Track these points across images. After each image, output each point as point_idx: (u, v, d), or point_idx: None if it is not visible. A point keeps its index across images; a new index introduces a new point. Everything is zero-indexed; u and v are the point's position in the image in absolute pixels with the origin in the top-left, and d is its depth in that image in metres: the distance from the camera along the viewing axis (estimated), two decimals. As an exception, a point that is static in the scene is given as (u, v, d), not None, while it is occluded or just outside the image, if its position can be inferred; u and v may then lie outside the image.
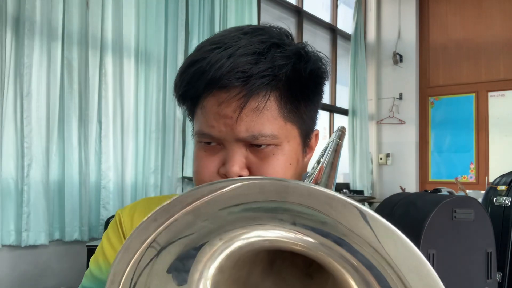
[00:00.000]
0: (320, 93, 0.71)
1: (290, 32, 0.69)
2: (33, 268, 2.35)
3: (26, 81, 2.26)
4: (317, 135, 0.75)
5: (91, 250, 2.30)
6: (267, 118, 0.63)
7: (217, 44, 0.64)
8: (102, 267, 0.75)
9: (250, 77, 0.61)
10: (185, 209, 0.38)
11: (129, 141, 2.74)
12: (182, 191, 2.63)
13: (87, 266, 0.79)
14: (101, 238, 2.67)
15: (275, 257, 0.53)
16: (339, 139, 0.86)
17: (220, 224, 0.41)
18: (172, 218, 0.39)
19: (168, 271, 0.43)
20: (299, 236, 0.40)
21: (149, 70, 2.86)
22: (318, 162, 0.76)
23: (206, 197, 0.38)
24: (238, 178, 0.37)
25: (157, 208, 0.39)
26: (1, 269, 2.24)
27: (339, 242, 0.37)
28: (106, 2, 2.64)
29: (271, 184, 0.37)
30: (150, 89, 2.85)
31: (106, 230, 0.79)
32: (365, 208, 0.34)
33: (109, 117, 2.63)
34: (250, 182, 0.37)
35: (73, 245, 2.48)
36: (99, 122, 2.59)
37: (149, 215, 0.39)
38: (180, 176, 3.02)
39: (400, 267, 0.34)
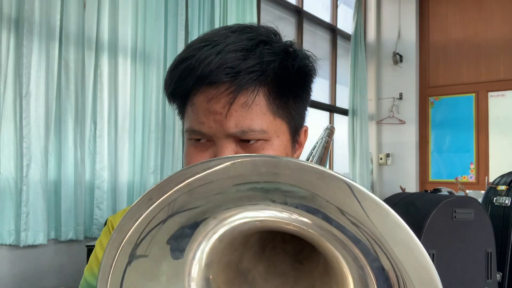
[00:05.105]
0: (308, 90, 0.71)
1: (278, 31, 0.70)
2: (32, 268, 2.35)
3: (25, 82, 2.26)
4: (306, 131, 0.76)
5: (91, 250, 2.30)
6: (256, 113, 0.64)
7: (206, 41, 0.65)
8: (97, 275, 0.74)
9: (239, 73, 0.62)
10: (178, 186, 0.38)
11: (125, 141, 2.73)
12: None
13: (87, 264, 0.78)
14: (94, 237, 2.64)
15: (266, 243, 0.53)
16: (328, 137, 0.86)
17: (213, 203, 0.41)
18: (166, 195, 0.39)
19: (168, 242, 0.43)
20: (290, 215, 0.40)
21: (149, 70, 2.85)
22: (308, 159, 0.76)
23: (199, 175, 0.38)
24: (229, 156, 0.38)
25: (151, 187, 0.39)
26: (1, 269, 2.24)
27: (328, 218, 0.37)
28: (103, 3, 2.64)
29: (263, 161, 0.37)
30: (149, 89, 2.84)
31: (99, 238, 0.79)
32: (354, 183, 0.34)
33: (104, 117, 2.63)
34: (243, 159, 0.37)
35: (72, 245, 2.48)
36: (94, 122, 2.60)
37: (143, 194, 0.39)
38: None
39: (387, 239, 0.34)
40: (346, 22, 5.37)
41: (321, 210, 0.37)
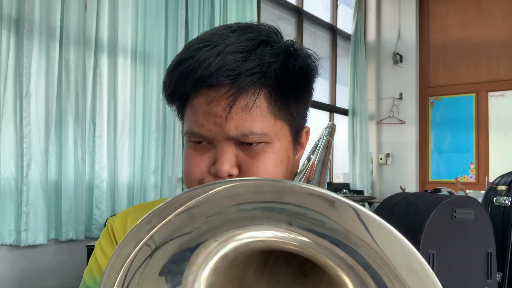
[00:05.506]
0: (310, 90, 0.70)
1: (279, 29, 0.68)
2: (33, 268, 2.35)
3: (25, 82, 2.26)
4: (307, 132, 0.74)
5: (91, 250, 2.30)
6: (256, 116, 0.63)
7: (206, 42, 0.63)
8: (97, 278, 0.74)
9: (239, 75, 0.61)
10: (178, 210, 0.38)
11: (124, 141, 2.73)
12: (182, 191, 2.63)
13: (87, 265, 0.78)
14: (93, 238, 2.63)
15: (269, 257, 0.52)
16: (330, 136, 0.85)
17: (215, 225, 0.40)
18: (166, 220, 0.38)
19: (161, 273, 0.42)
20: (295, 236, 0.39)
21: (149, 70, 2.85)
22: (309, 159, 0.75)
23: (200, 198, 0.37)
24: (233, 179, 0.37)
25: (151, 211, 0.38)
26: (1, 269, 2.24)
27: (336, 242, 0.37)
28: (103, 3, 2.64)
29: (267, 184, 0.36)
30: (149, 89, 2.84)
31: (99, 240, 0.78)
32: (362, 208, 0.34)
33: (104, 117, 2.63)
34: (246, 182, 0.36)
35: (72, 244, 2.48)
36: (93, 122, 2.59)
37: (142, 218, 0.38)
38: (180, 176, 3.02)
39: (397, 266, 0.34)
40: (346, 22, 5.36)
41: (328, 234, 0.37)
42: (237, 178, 0.37)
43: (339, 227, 0.35)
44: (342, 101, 5.21)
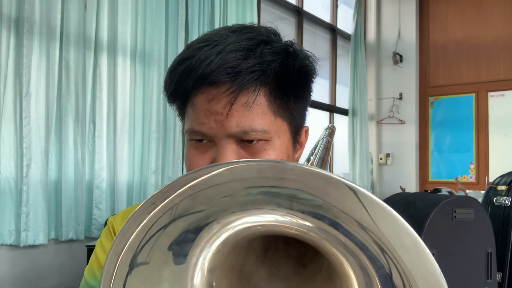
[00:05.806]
0: (308, 90, 0.71)
1: (278, 31, 0.70)
2: (33, 268, 2.35)
3: (25, 82, 2.26)
4: (306, 131, 0.75)
5: (91, 250, 2.30)
6: (257, 113, 0.64)
7: (206, 42, 0.65)
8: (98, 276, 0.74)
9: (240, 73, 0.62)
10: (181, 191, 0.38)
11: (124, 141, 2.73)
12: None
13: (87, 265, 0.78)
14: (93, 237, 2.63)
15: (269, 247, 0.53)
16: (329, 137, 0.86)
17: (218, 208, 0.40)
18: (170, 198, 0.38)
19: (169, 248, 0.43)
20: (296, 220, 0.39)
21: (149, 70, 2.85)
22: (308, 160, 0.76)
23: (202, 178, 0.37)
24: (235, 160, 0.37)
25: (154, 192, 0.39)
26: (1, 269, 2.24)
27: (334, 224, 0.37)
28: (104, 3, 2.64)
29: (269, 165, 0.36)
30: (149, 89, 2.84)
31: (99, 239, 0.78)
32: (360, 188, 0.34)
33: (103, 117, 2.63)
34: (249, 163, 0.37)
35: (72, 244, 2.48)
36: (93, 122, 2.60)
37: (146, 199, 0.39)
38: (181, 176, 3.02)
39: (395, 246, 0.34)
40: (346, 22, 5.36)
41: (327, 216, 0.37)
42: (240, 160, 0.37)
43: (338, 208, 0.36)
44: (342, 101, 5.21)
